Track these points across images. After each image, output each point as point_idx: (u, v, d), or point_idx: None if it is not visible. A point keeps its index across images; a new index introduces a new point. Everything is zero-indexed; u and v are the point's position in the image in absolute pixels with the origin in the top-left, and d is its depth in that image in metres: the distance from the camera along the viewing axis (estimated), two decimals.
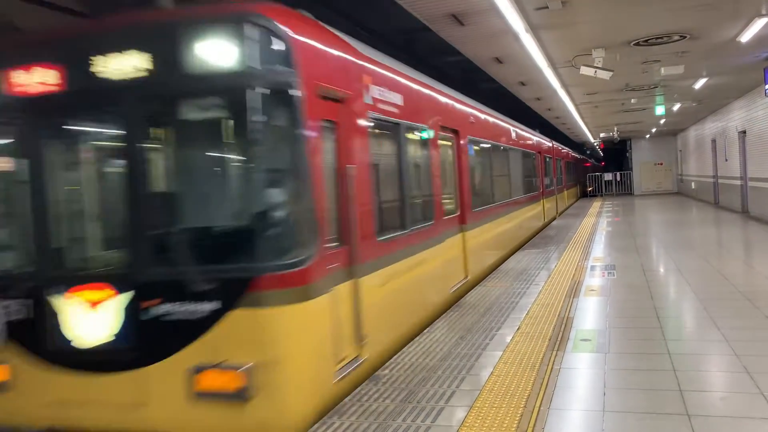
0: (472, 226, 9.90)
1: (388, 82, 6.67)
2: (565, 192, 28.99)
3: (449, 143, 9.38)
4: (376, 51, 6.82)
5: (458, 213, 9.37)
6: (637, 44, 11.34)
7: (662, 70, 13.60)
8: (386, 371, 5.67)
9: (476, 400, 4.84)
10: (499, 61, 12.32)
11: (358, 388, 5.26)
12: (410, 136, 7.50)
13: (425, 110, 8.04)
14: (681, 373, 5.29)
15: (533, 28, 9.68)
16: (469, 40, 10.49)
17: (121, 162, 4.80)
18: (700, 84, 16.76)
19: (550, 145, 23.15)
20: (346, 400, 5.00)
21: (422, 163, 7.96)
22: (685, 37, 10.97)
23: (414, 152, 7.65)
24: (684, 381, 5.09)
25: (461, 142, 9.76)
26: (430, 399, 4.94)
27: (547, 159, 22.20)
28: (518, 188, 15.58)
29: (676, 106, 22.32)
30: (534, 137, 19.19)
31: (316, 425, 4.52)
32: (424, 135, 8.06)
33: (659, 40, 11.16)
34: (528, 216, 16.85)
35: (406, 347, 6.43)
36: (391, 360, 6.01)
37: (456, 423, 4.44)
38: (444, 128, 8.83)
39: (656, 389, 4.96)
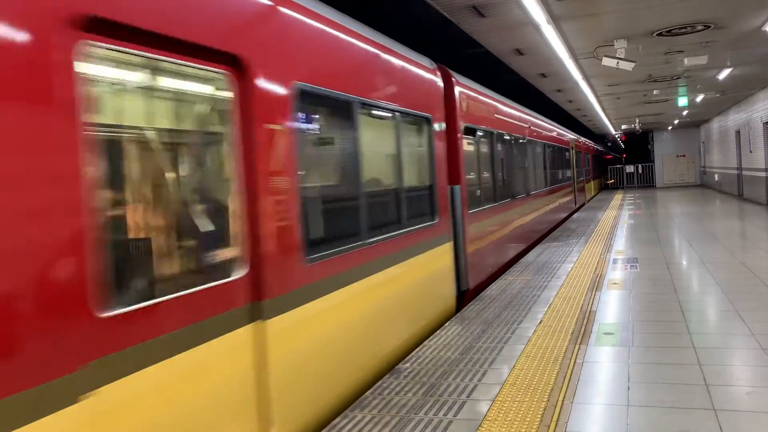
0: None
1: None
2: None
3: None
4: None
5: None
6: (660, 34, 11.19)
7: (685, 60, 13.42)
8: (407, 364, 5.67)
9: (498, 394, 4.83)
10: (519, 52, 12.22)
11: (380, 381, 5.26)
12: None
13: None
14: (706, 367, 5.23)
15: (555, 19, 9.59)
16: (489, 32, 10.41)
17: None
18: (724, 74, 16.51)
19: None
20: (368, 393, 5.00)
21: None
22: (709, 26, 10.80)
23: None
24: (709, 375, 5.03)
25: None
26: (452, 393, 4.93)
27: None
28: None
29: (700, 97, 22.01)
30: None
31: (338, 418, 4.53)
32: None
33: (682, 30, 10.99)
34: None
35: (426, 341, 6.43)
36: (413, 353, 6.01)
37: (478, 417, 4.42)
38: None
39: (681, 383, 4.90)
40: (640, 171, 41.49)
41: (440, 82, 7.96)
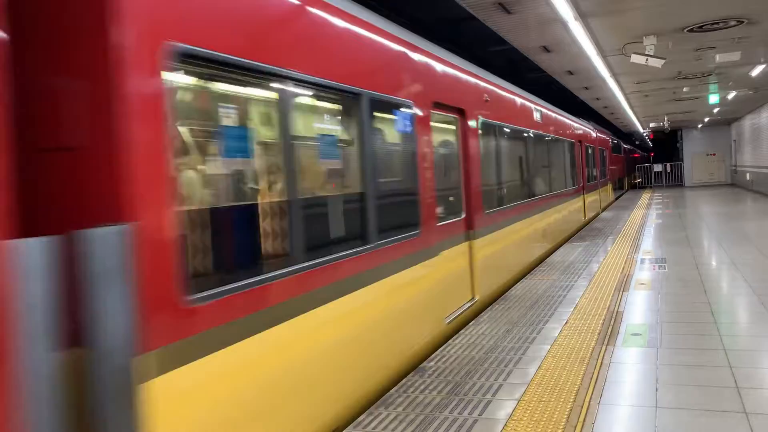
0: None
1: None
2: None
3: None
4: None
5: None
6: (691, 30, 10.99)
7: (717, 57, 13.16)
8: (432, 363, 5.65)
9: (524, 394, 4.78)
10: (546, 50, 12.10)
11: (404, 379, 5.25)
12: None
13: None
14: (737, 369, 5.13)
15: (582, 16, 9.46)
16: (516, 29, 10.31)
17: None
18: (757, 71, 16.18)
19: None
20: (392, 391, 5.00)
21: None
22: (742, 22, 10.58)
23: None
24: (741, 378, 4.93)
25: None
26: (476, 392, 4.90)
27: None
28: None
29: (731, 95, 21.59)
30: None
31: (363, 415, 4.53)
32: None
33: (714, 26, 10.78)
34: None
35: (451, 339, 6.40)
36: (437, 352, 5.99)
37: (503, 416, 4.39)
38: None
39: (711, 386, 4.81)
40: (668, 170, 40.88)
41: None
